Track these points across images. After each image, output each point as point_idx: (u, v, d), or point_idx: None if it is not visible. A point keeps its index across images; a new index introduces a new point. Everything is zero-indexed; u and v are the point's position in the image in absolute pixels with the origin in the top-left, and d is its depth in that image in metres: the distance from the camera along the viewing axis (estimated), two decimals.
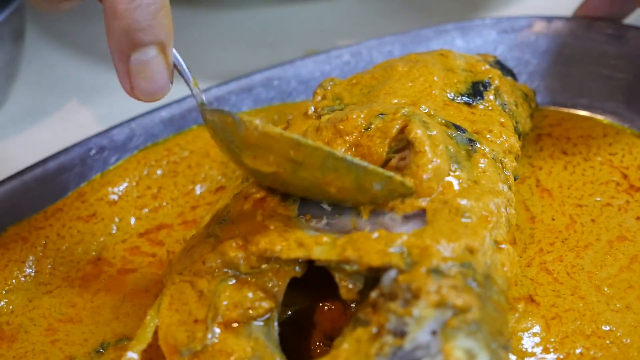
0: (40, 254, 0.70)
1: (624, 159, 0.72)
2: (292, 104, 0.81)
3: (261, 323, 0.56)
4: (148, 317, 0.58)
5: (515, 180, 0.66)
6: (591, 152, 0.72)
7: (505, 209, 0.60)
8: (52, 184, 0.74)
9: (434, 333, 0.50)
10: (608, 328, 0.59)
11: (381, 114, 0.61)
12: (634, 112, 0.76)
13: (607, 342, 0.59)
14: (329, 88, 0.70)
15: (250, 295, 0.56)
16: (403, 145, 0.60)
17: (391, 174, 0.56)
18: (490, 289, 0.54)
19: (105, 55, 0.95)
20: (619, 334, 0.59)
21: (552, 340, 0.59)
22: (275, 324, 0.57)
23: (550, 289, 0.63)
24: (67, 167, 0.75)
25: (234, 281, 0.57)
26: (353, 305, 0.59)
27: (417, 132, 0.58)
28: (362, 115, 0.62)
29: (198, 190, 0.75)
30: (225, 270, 0.57)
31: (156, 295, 0.65)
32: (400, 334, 0.51)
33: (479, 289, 0.53)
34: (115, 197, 0.74)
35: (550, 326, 0.60)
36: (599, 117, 0.76)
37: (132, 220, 0.73)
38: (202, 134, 0.78)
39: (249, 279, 0.57)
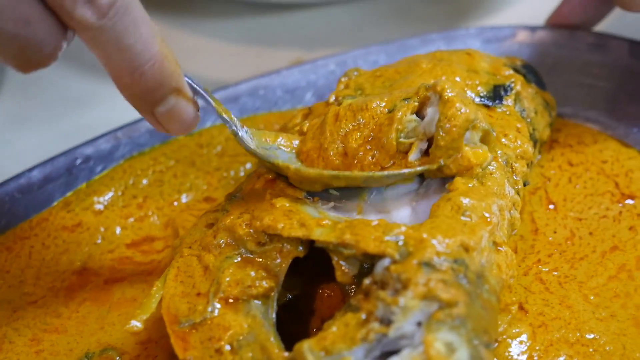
0: (25, 264, 0.70)
1: (614, 166, 0.72)
2: (278, 113, 0.81)
3: (260, 302, 0.58)
4: (154, 288, 0.61)
5: (525, 185, 0.67)
6: (588, 162, 0.73)
7: (509, 212, 0.62)
8: (37, 193, 0.74)
9: (419, 324, 0.52)
10: (592, 336, 0.60)
11: (406, 99, 0.63)
12: (616, 120, 0.76)
13: (590, 350, 0.59)
14: (353, 77, 0.71)
15: (252, 273, 0.59)
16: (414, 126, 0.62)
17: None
18: (482, 287, 0.56)
19: (90, 64, 0.97)
20: (602, 342, 0.60)
21: (537, 348, 0.60)
22: (274, 304, 0.59)
23: (540, 297, 0.63)
24: (53, 176, 0.75)
25: (239, 259, 0.59)
26: (352, 293, 0.60)
27: (443, 86, 0.61)
28: (382, 104, 0.64)
29: (184, 199, 0.75)
30: (233, 247, 0.60)
31: None
32: (387, 322, 0.52)
33: (469, 286, 0.54)
34: (100, 206, 0.74)
35: (536, 334, 0.61)
36: (581, 123, 0.77)
37: (118, 230, 0.73)
38: (188, 144, 0.78)
39: (253, 257, 0.59)
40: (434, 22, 0.99)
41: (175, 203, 0.75)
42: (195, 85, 0.61)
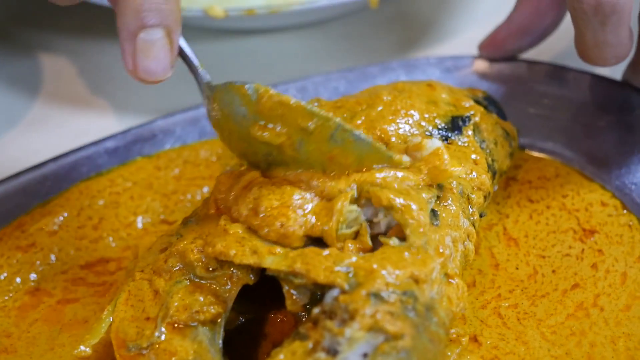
0: None
1: (574, 200, 0.73)
2: None
3: (208, 327, 0.59)
4: (105, 312, 0.61)
5: (481, 217, 0.67)
6: (550, 197, 0.74)
7: (463, 243, 0.62)
8: None
9: (364, 355, 0.52)
10: None
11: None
12: (573, 152, 0.77)
13: None
14: None
15: (201, 298, 0.59)
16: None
17: (391, 154, 0.61)
18: (430, 320, 0.56)
19: (38, 88, 0.96)
20: None
21: None
22: (222, 330, 0.59)
23: (496, 332, 0.64)
24: (8, 196, 0.74)
25: (188, 284, 0.60)
26: (304, 319, 0.60)
27: (390, 198, 0.59)
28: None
29: (139, 222, 0.75)
30: (183, 271, 0.60)
31: None
32: (333, 352, 0.53)
33: (417, 319, 0.54)
34: (55, 227, 0.74)
35: None
36: (542, 155, 0.78)
37: (72, 251, 0.72)
38: (145, 166, 0.78)
39: (203, 282, 0.59)
40: (387, 49, 1.00)
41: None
42: (185, 48, 0.63)
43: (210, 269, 0.59)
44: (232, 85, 0.61)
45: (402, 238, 0.58)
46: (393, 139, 0.66)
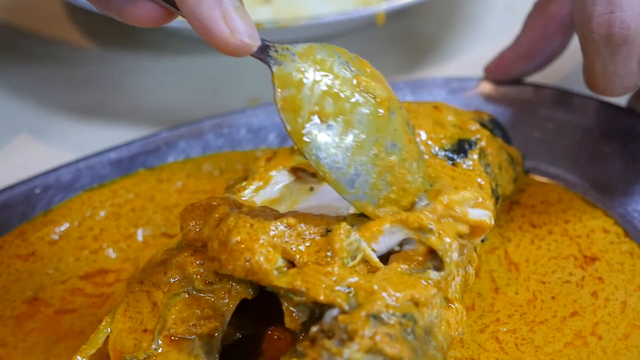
0: None
1: (576, 226, 0.73)
2: (241, 153, 0.81)
3: (205, 341, 0.58)
4: (103, 323, 0.60)
5: (483, 242, 0.67)
6: (552, 223, 0.74)
7: (465, 268, 0.62)
8: None
9: None
10: None
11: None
12: (577, 177, 0.77)
13: None
14: None
15: (198, 312, 0.59)
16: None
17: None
18: (429, 343, 0.56)
19: (45, 97, 0.97)
20: None
21: None
22: (219, 344, 0.59)
23: (494, 357, 0.63)
24: (11, 204, 0.75)
25: (187, 296, 0.59)
26: (302, 337, 0.60)
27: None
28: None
29: (140, 234, 0.75)
30: (182, 284, 0.60)
31: None
32: None
33: (415, 342, 0.54)
34: (56, 236, 0.74)
35: None
36: (545, 179, 0.78)
37: (72, 261, 0.72)
38: (148, 178, 0.78)
39: (201, 296, 0.59)
40: (393, 67, 1.00)
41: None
42: None
43: (209, 282, 0.59)
44: (330, 46, 0.61)
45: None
46: None
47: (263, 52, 0.57)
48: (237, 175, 0.75)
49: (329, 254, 0.57)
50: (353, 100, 0.59)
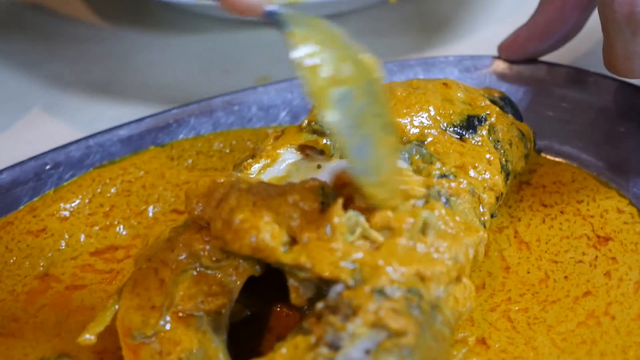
0: None
1: (589, 206, 0.72)
2: (251, 130, 0.81)
3: (212, 317, 0.58)
4: (111, 300, 0.60)
5: (492, 217, 0.67)
6: (564, 202, 0.73)
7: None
8: (4, 196, 0.74)
9: (367, 352, 0.52)
10: None
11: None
12: (591, 157, 0.76)
13: None
14: None
15: (206, 288, 0.58)
16: None
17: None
18: (435, 318, 0.55)
19: (54, 74, 0.97)
20: None
21: None
22: (227, 321, 0.59)
23: (505, 335, 0.63)
24: (22, 180, 0.75)
25: (194, 273, 0.59)
26: (308, 313, 0.60)
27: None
28: None
29: (150, 211, 0.75)
30: (189, 261, 0.59)
31: None
32: (335, 347, 0.52)
33: (421, 317, 0.54)
34: (66, 213, 0.74)
35: None
36: (558, 159, 0.77)
37: (82, 237, 0.72)
38: (158, 155, 0.78)
39: (209, 272, 0.59)
40: (405, 46, 0.99)
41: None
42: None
43: (216, 259, 0.59)
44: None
45: None
46: (408, 131, 0.66)
47: (272, 15, 0.58)
48: (245, 154, 0.74)
49: (328, 229, 0.57)
50: (361, 71, 0.59)
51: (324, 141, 0.67)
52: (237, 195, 0.59)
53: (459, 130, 0.68)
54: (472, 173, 0.65)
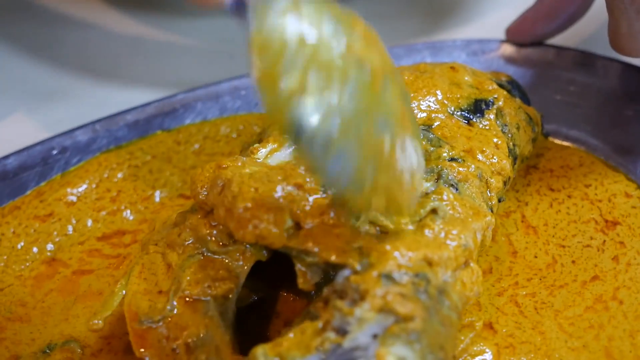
0: None
1: (597, 191, 0.72)
2: (258, 115, 0.81)
3: (219, 302, 0.58)
4: (118, 285, 0.60)
5: (500, 202, 0.66)
6: (571, 187, 0.73)
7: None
8: (11, 181, 0.74)
9: (374, 336, 0.52)
10: None
11: None
12: (599, 141, 0.76)
13: None
14: None
15: (213, 273, 0.58)
16: None
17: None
18: (442, 303, 0.55)
19: (61, 59, 0.96)
20: None
21: None
22: (233, 306, 0.59)
23: (513, 320, 0.63)
24: (28, 165, 0.75)
25: (201, 258, 0.59)
26: (315, 298, 0.60)
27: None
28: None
29: (157, 196, 0.75)
30: (196, 246, 0.59)
31: None
32: (342, 332, 0.52)
33: (429, 301, 0.54)
34: (73, 198, 0.74)
35: (501, 354, 0.60)
36: (566, 143, 0.77)
37: (89, 222, 0.73)
38: (165, 140, 0.78)
39: (216, 257, 0.59)
40: (412, 29, 0.99)
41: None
42: None
43: (222, 244, 0.59)
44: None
45: None
46: (416, 114, 0.66)
47: (238, 8, 0.51)
48: (252, 139, 0.74)
49: (332, 213, 0.57)
50: (341, 72, 0.50)
51: None
52: (239, 182, 0.58)
53: (466, 114, 0.68)
54: (479, 157, 0.65)
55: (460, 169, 0.63)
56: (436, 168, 0.62)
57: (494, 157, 0.66)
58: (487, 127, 0.68)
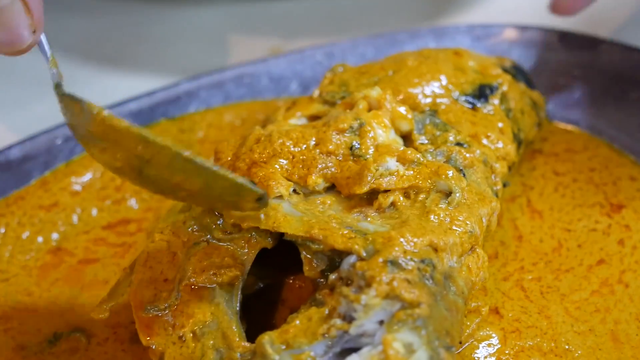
0: (0, 241, 0.70)
1: (602, 174, 0.72)
2: (262, 102, 0.81)
3: (225, 290, 0.58)
4: (123, 274, 0.60)
5: (505, 186, 0.66)
6: (576, 170, 0.73)
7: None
8: (16, 171, 0.74)
9: (381, 323, 0.52)
10: (567, 347, 0.60)
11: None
12: (603, 124, 0.76)
13: None
14: (338, 73, 0.71)
15: (218, 260, 0.58)
16: None
17: (241, 180, 0.54)
18: (448, 288, 0.55)
19: (67, 47, 0.96)
20: (576, 354, 0.59)
21: (507, 352, 0.60)
22: (239, 293, 0.58)
23: (518, 304, 0.63)
24: (33, 155, 0.75)
25: (206, 245, 0.59)
26: (321, 285, 0.60)
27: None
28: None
29: None
30: (201, 234, 0.59)
31: None
32: (349, 319, 0.52)
33: (435, 287, 0.54)
34: (78, 187, 0.74)
35: (507, 339, 0.60)
36: (570, 127, 0.77)
37: (94, 212, 0.73)
38: (169, 128, 0.78)
39: (221, 245, 0.59)
40: (417, 14, 0.98)
41: None
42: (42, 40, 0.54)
43: (228, 231, 0.59)
44: (70, 100, 0.55)
45: None
46: (420, 100, 0.66)
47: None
48: (257, 125, 0.74)
49: None
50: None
51: None
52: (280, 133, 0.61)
53: (470, 99, 0.68)
54: (484, 142, 0.65)
55: (467, 154, 0.63)
56: (446, 151, 0.62)
57: (499, 142, 0.65)
58: (491, 112, 0.68)
